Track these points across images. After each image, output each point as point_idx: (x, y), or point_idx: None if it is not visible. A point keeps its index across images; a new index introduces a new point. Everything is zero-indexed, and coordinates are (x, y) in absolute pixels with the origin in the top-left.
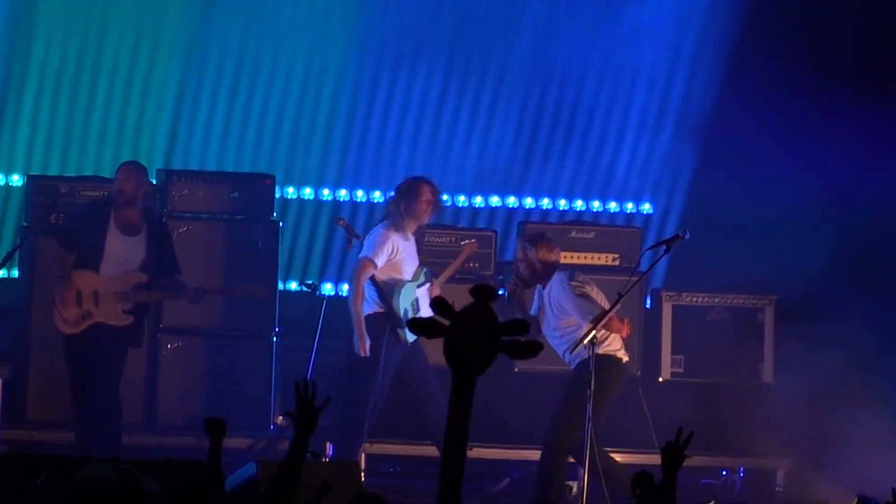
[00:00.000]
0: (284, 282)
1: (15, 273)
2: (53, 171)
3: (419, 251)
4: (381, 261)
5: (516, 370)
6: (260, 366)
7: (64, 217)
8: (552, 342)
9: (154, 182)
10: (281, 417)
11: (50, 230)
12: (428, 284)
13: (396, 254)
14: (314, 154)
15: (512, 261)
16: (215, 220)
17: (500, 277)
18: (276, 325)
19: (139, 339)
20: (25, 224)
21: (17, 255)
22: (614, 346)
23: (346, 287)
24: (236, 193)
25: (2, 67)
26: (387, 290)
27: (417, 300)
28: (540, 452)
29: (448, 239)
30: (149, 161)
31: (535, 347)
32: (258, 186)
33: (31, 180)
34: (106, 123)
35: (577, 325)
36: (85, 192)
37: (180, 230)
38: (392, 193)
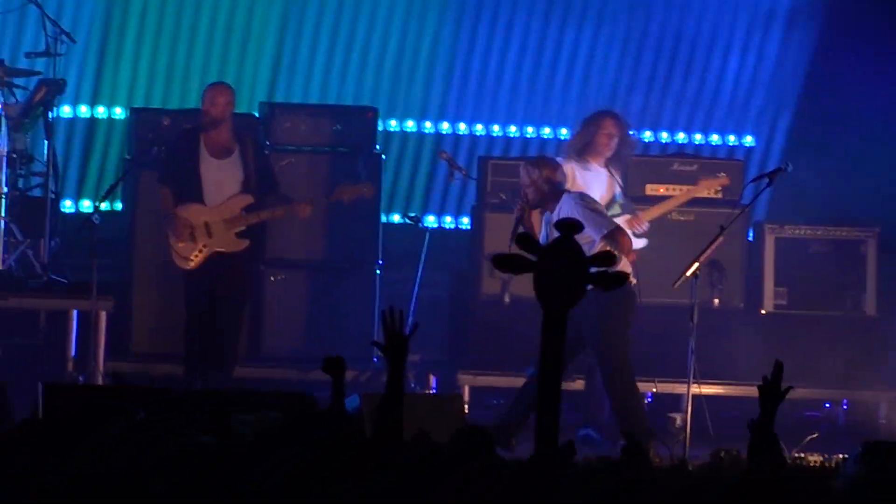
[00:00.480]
0: (387, 214)
1: (118, 206)
2: (156, 104)
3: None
4: None
5: None
6: (363, 298)
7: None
8: None
9: (257, 115)
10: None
11: (152, 163)
12: (626, 216)
13: (573, 184)
14: (417, 86)
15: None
16: (318, 152)
17: None
18: (379, 257)
19: (263, 256)
20: (128, 157)
21: (119, 187)
22: (626, 269)
23: (448, 219)
24: (339, 126)
25: (104, 0)
26: None
27: None
28: (605, 381)
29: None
30: (251, 94)
31: (623, 278)
32: (361, 119)
33: (134, 113)
34: (209, 56)
35: (590, 242)
36: (187, 124)
37: (283, 163)
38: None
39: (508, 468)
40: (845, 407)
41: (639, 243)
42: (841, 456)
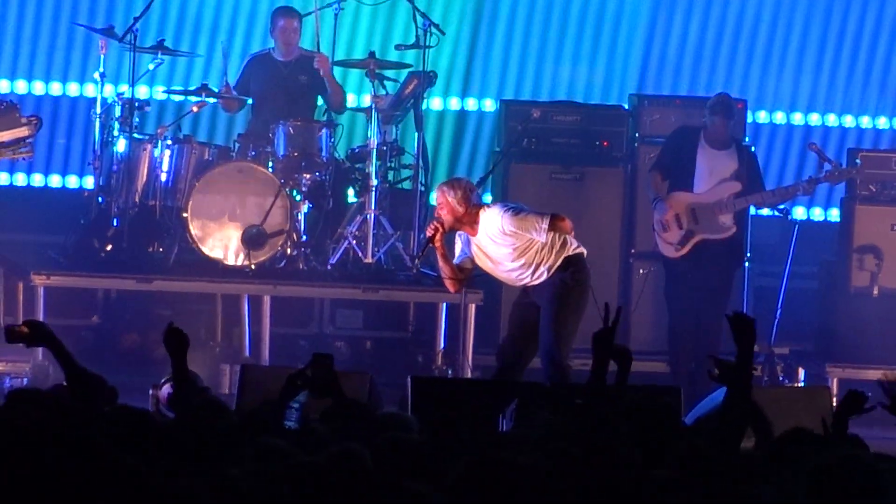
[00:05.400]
0: (756, 207)
1: (488, 197)
2: (525, 96)
3: None
4: None
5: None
6: (732, 290)
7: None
8: (514, 275)
9: (626, 107)
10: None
11: (522, 155)
12: None
13: None
14: (786, 78)
15: None
16: None
17: None
18: (748, 250)
19: (744, 249)
20: (498, 149)
21: (489, 179)
22: (580, 250)
23: (816, 211)
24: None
25: None
26: None
27: None
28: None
29: None
30: (622, 85)
31: None
32: None
33: (505, 105)
34: (579, 46)
35: (528, 241)
36: (557, 116)
37: (651, 156)
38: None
39: None
40: None
41: None
42: None
